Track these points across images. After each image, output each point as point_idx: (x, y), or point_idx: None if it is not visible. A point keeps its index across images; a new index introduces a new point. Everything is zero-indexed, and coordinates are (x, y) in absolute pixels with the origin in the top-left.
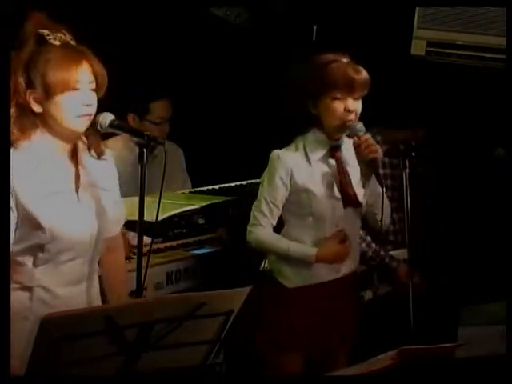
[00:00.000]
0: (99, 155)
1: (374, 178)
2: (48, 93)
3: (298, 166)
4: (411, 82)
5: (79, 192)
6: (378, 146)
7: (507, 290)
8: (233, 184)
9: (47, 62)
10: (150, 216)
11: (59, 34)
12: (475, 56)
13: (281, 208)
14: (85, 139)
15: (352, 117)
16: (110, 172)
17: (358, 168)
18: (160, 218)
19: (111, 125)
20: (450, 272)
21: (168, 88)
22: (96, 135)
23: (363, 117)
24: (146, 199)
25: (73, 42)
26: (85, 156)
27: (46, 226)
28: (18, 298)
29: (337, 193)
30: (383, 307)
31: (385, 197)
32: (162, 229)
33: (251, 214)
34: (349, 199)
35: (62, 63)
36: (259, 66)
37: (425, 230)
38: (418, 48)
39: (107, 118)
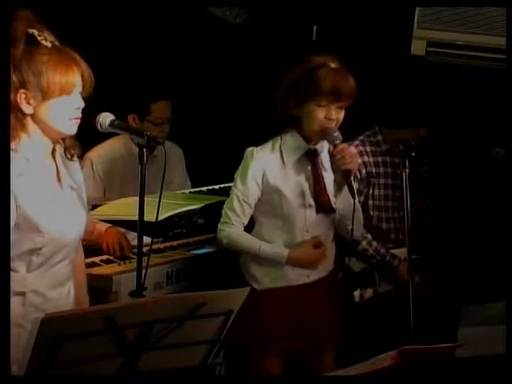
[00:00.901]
0: (72, 156)
1: (346, 188)
2: (45, 95)
3: (272, 166)
4: (411, 82)
5: (64, 193)
6: (353, 158)
7: (507, 290)
8: (233, 184)
9: (44, 63)
10: (150, 216)
11: (46, 35)
12: (475, 56)
13: (253, 207)
14: (61, 141)
15: (332, 125)
16: (80, 174)
17: None
18: (160, 218)
19: (111, 125)
20: (450, 272)
21: (168, 88)
22: (72, 137)
23: (364, 116)
24: (146, 199)
25: (57, 43)
26: (62, 158)
27: (44, 229)
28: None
29: (310, 197)
30: (384, 306)
31: (358, 208)
32: (162, 229)
33: (223, 211)
34: (322, 204)
35: (60, 66)
36: (259, 66)
37: (425, 229)
38: (418, 48)
39: (107, 117)
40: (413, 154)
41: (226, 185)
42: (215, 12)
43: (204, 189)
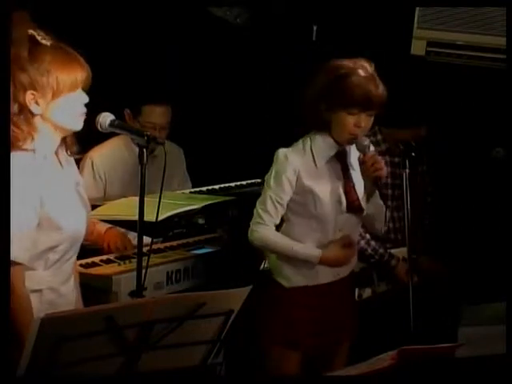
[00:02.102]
0: (73, 153)
1: (376, 193)
2: (55, 93)
3: (305, 168)
4: (411, 82)
5: (71, 189)
6: (383, 164)
7: (507, 290)
8: (233, 184)
9: (50, 62)
10: (150, 216)
11: (42, 34)
12: (475, 56)
13: (285, 207)
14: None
15: (360, 132)
16: (77, 169)
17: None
18: (160, 218)
19: (111, 125)
20: (451, 271)
21: (168, 89)
22: (72, 135)
23: None
24: (146, 199)
25: (54, 42)
26: (64, 154)
27: (63, 226)
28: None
29: (341, 197)
30: (382, 305)
31: (383, 209)
32: (162, 229)
33: (255, 211)
34: (352, 204)
35: (66, 64)
36: (259, 66)
37: (425, 229)
38: (418, 48)
39: (107, 117)
40: (413, 154)
41: (226, 185)
42: (215, 12)
43: (204, 189)
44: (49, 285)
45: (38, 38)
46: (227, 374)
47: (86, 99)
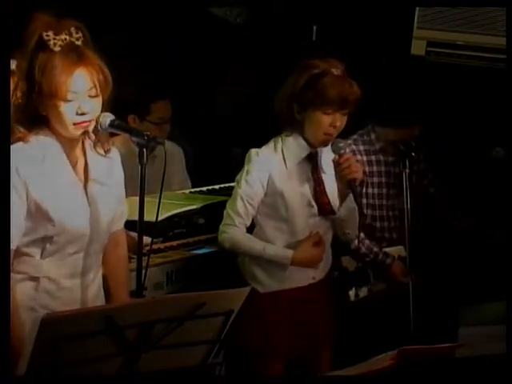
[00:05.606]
0: (105, 152)
1: (350, 196)
2: (43, 99)
3: (276, 169)
4: (411, 82)
5: (86, 186)
6: (358, 167)
7: (507, 290)
8: (233, 184)
9: (42, 70)
10: (149, 216)
11: (63, 36)
12: (475, 56)
13: (256, 208)
14: (93, 136)
15: (334, 131)
16: (114, 169)
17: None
18: (160, 218)
19: (111, 125)
20: (450, 272)
21: (168, 88)
22: (104, 133)
23: (364, 117)
24: (146, 199)
25: (78, 42)
26: (91, 152)
27: (55, 218)
28: (23, 288)
29: (311, 200)
30: (379, 304)
31: (356, 213)
32: (162, 229)
33: (225, 212)
34: (323, 207)
35: (53, 74)
36: (259, 65)
37: (423, 228)
38: (417, 48)
39: (107, 118)
40: (413, 153)
41: (226, 185)
42: (216, 12)
43: (204, 189)
44: (46, 274)
45: (48, 42)
46: (227, 374)
47: (82, 109)
